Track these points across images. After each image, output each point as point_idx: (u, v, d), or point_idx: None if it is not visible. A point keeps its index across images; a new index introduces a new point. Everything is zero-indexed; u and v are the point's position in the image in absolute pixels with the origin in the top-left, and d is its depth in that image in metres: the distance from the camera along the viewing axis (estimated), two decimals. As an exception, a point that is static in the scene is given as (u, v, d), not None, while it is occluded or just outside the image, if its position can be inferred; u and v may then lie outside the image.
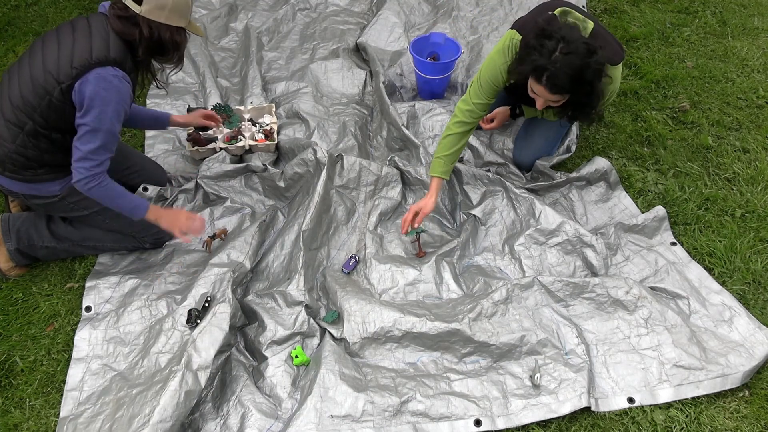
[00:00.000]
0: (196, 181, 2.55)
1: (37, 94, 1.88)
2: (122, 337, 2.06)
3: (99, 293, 2.18)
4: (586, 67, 1.93)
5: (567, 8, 2.10)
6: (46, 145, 1.97)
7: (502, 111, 2.70)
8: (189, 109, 2.73)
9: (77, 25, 1.94)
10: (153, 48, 1.95)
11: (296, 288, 2.11)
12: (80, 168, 1.91)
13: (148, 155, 2.71)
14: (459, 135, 2.33)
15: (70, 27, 1.94)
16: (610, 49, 2.12)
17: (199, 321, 1.99)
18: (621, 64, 2.21)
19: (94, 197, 1.99)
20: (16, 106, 1.91)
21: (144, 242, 2.31)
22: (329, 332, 2.04)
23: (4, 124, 1.94)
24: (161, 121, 2.48)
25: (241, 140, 2.70)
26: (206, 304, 2.03)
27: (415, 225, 2.31)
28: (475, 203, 2.50)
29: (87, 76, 1.84)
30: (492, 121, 2.73)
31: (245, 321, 2.11)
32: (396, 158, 2.63)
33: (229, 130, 2.76)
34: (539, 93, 2.06)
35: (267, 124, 2.81)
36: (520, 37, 2.14)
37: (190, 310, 2.03)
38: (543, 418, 1.87)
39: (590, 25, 2.06)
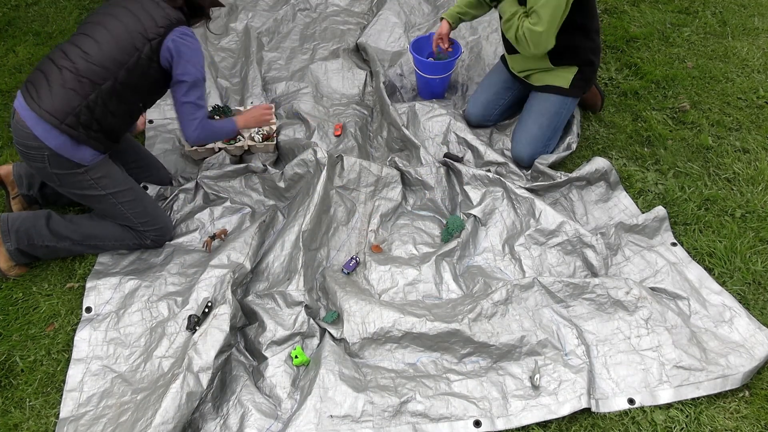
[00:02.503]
0: (196, 181, 2.55)
1: (126, 52, 2.01)
2: (122, 338, 2.06)
3: (99, 294, 2.18)
4: None
5: None
6: (115, 106, 2.06)
7: (444, 30, 2.84)
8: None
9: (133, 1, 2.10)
10: (194, 9, 2.18)
11: (296, 288, 2.11)
12: (190, 121, 2.17)
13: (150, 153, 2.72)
14: (457, 7, 2.77)
15: (126, 4, 2.08)
16: None
17: (198, 327, 1.99)
18: None
19: (202, 139, 2.25)
20: (98, 63, 2.00)
21: (146, 238, 2.31)
22: (329, 332, 2.05)
23: (78, 80, 1.99)
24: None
25: (240, 140, 2.70)
26: (206, 310, 2.03)
27: (445, 46, 2.85)
28: (475, 203, 2.50)
29: (173, 34, 2.05)
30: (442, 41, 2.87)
31: (245, 321, 2.11)
32: (396, 159, 2.63)
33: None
34: None
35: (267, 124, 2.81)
36: None
37: (190, 316, 2.03)
38: (543, 419, 1.86)
39: None
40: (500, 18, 2.57)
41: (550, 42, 2.42)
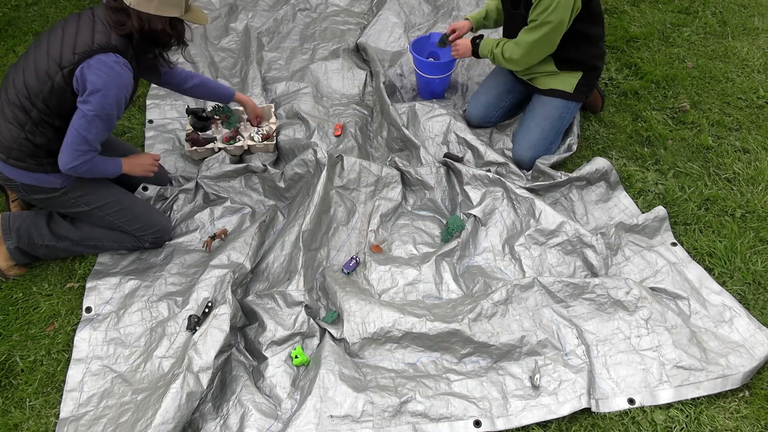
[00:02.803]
0: (196, 181, 2.55)
1: (40, 80, 1.90)
2: (123, 338, 2.06)
3: (99, 294, 2.18)
4: None
5: None
6: (51, 133, 1.98)
7: (464, 41, 2.78)
8: (187, 110, 2.73)
9: (83, 16, 1.96)
10: (147, 40, 1.95)
11: (296, 288, 2.11)
12: (74, 150, 1.94)
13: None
14: (482, 11, 2.81)
15: (76, 18, 1.97)
16: None
17: (198, 327, 1.99)
18: None
19: (79, 174, 2.02)
20: (21, 92, 1.93)
21: (144, 241, 2.31)
22: (329, 332, 2.05)
23: (12, 111, 1.95)
24: (227, 96, 2.58)
25: (239, 140, 2.70)
26: (206, 310, 2.03)
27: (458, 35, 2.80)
28: (475, 203, 2.50)
29: (89, 61, 1.86)
30: (456, 47, 2.82)
31: (245, 321, 2.11)
32: (396, 159, 2.63)
33: (228, 131, 2.76)
34: None
35: (266, 125, 2.81)
36: None
37: (190, 316, 2.03)
38: (543, 419, 1.86)
39: None
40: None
41: (534, 61, 2.58)
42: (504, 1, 2.62)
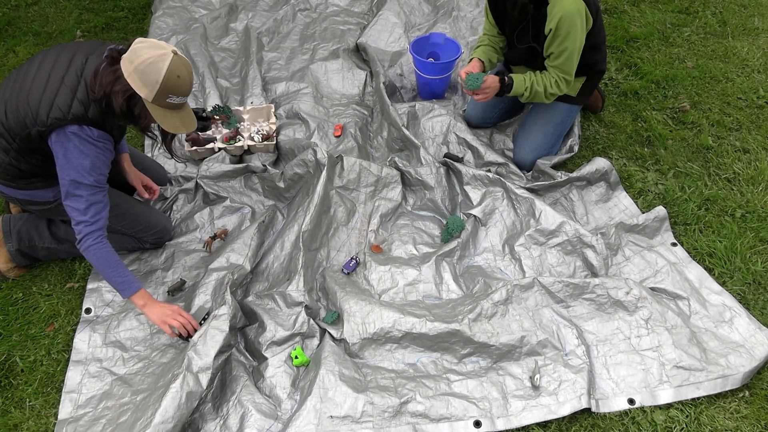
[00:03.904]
0: (196, 181, 2.55)
1: (19, 123, 1.83)
2: (122, 342, 2.06)
3: (100, 296, 2.18)
4: None
5: None
6: (37, 161, 1.93)
7: (491, 80, 2.57)
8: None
9: (70, 70, 1.83)
10: (108, 102, 1.78)
11: (296, 289, 2.11)
12: (76, 228, 1.86)
13: (148, 155, 2.71)
14: (487, 47, 2.64)
15: (68, 61, 1.84)
16: None
17: (190, 338, 1.98)
18: (579, 3, 2.27)
19: (89, 259, 1.89)
20: (3, 123, 1.87)
21: (144, 242, 2.31)
22: (329, 333, 2.04)
23: None
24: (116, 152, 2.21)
25: (239, 140, 2.70)
26: (202, 322, 2.01)
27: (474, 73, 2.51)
28: (475, 203, 2.50)
29: (62, 130, 1.78)
30: (484, 90, 2.63)
31: (245, 322, 2.10)
32: (396, 159, 2.63)
33: (228, 131, 2.76)
34: None
35: (266, 125, 2.81)
36: None
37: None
38: (543, 419, 1.86)
39: None
40: (512, 91, 2.51)
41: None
42: (506, 33, 2.57)
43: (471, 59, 2.62)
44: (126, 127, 1.97)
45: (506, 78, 2.50)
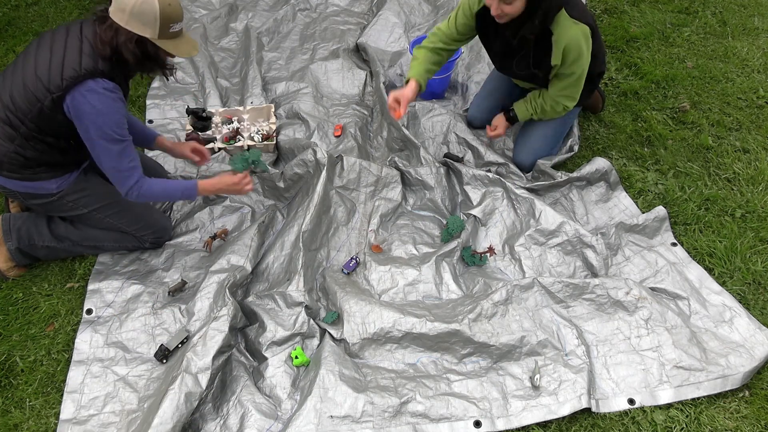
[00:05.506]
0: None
1: (29, 101, 1.86)
2: (124, 343, 2.05)
3: (101, 297, 2.18)
4: None
5: None
6: (43, 147, 1.96)
7: (500, 118, 2.66)
8: (187, 110, 2.73)
9: (71, 34, 1.88)
10: (119, 57, 1.84)
11: (296, 289, 2.11)
12: (116, 183, 1.97)
13: (148, 154, 2.71)
14: (431, 50, 2.49)
15: (64, 35, 1.89)
16: (577, 6, 2.24)
17: (165, 361, 1.98)
18: (584, 29, 2.24)
19: (145, 201, 2.07)
20: (9, 108, 1.90)
21: (144, 241, 2.31)
22: (329, 333, 2.05)
23: (1, 126, 1.93)
24: (147, 140, 2.36)
25: (239, 140, 2.70)
26: (180, 345, 2.00)
27: (402, 113, 2.41)
28: (475, 203, 2.50)
29: (79, 89, 1.81)
30: (495, 128, 2.68)
31: (246, 322, 2.11)
32: (396, 159, 2.63)
33: (228, 131, 2.76)
34: None
35: (266, 125, 2.81)
36: None
37: (161, 345, 1.99)
38: (543, 419, 1.87)
39: None
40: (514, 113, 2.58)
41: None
42: (493, 53, 2.53)
43: (407, 80, 2.48)
44: (128, 89, 2.02)
45: (510, 113, 2.59)
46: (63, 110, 1.86)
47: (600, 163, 2.58)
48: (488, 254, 2.35)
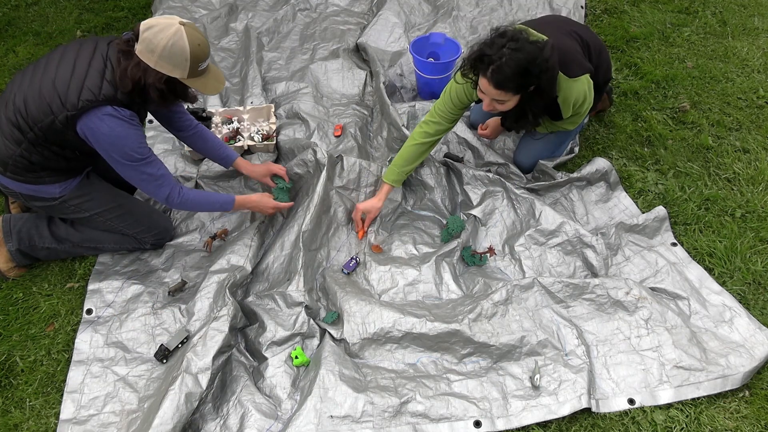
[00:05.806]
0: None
1: (42, 110, 1.85)
2: (124, 343, 2.05)
3: (102, 297, 2.18)
4: (531, 64, 1.97)
5: (527, 27, 2.13)
6: (48, 153, 1.96)
7: (493, 121, 2.67)
8: (188, 111, 2.72)
9: (99, 47, 1.90)
10: (143, 92, 1.86)
11: (296, 289, 2.11)
12: (152, 193, 2.03)
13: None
14: (423, 145, 2.37)
15: (92, 48, 1.90)
16: (573, 63, 2.17)
17: (165, 361, 1.98)
18: (585, 79, 2.22)
19: (186, 210, 2.17)
20: (20, 112, 1.89)
21: (145, 243, 2.31)
22: (329, 333, 2.05)
23: (9, 127, 1.93)
24: (226, 160, 2.38)
25: (239, 140, 2.70)
26: (180, 345, 2.00)
27: (365, 228, 2.41)
28: (475, 203, 2.50)
29: (95, 112, 1.82)
30: (486, 128, 2.70)
31: (246, 322, 2.11)
32: (396, 159, 2.63)
33: (228, 130, 2.76)
34: (484, 89, 2.07)
35: (266, 124, 2.81)
36: None
37: (161, 345, 2.00)
38: (543, 419, 1.87)
39: (545, 38, 2.09)
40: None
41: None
42: (511, 118, 2.39)
43: (383, 184, 2.42)
44: (145, 115, 2.04)
45: (506, 123, 2.52)
46: (75, 129, 1.86)
47: (600, 163, 2.58)
48: (488, 254, 2.35)
